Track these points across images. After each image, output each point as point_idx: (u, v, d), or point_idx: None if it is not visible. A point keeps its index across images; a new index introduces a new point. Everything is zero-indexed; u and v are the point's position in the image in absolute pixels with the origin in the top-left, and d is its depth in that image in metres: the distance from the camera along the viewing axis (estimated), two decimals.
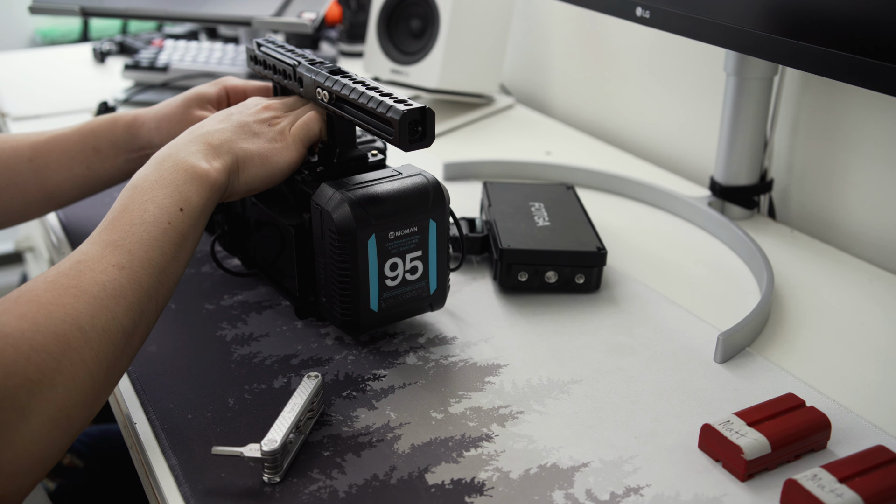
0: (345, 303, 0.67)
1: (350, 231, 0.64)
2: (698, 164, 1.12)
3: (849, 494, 0.52)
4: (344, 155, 0.72)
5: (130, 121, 0.83)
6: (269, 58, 0.77)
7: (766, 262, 0.81)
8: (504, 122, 1.28)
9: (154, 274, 0.58)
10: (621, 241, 0.90)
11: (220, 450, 0.56)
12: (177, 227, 0.60)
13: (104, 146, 0.83)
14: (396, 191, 0.66)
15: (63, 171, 0.83)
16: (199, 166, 0.63)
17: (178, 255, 0.60)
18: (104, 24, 2.32)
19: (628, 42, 1.21)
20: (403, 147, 0.62)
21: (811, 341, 0.73)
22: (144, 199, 0.60)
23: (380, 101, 0.63)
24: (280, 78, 0.76)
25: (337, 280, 0.66)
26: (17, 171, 0.82)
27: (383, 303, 0.68)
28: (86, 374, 0.51)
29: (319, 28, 1.67)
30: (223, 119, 0.70)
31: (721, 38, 0.78)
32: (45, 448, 0.49)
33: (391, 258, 0.66)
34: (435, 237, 0.68)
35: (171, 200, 0.61)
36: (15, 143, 0.83)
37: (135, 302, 0.56)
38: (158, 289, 0.58)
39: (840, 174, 0.93)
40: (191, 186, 0.62)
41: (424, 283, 0.69)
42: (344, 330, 0.69)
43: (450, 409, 0.64)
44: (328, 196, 0.65)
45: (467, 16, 1.23)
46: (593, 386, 0.67)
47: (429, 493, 0.56)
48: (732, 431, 0.58)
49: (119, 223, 0.59)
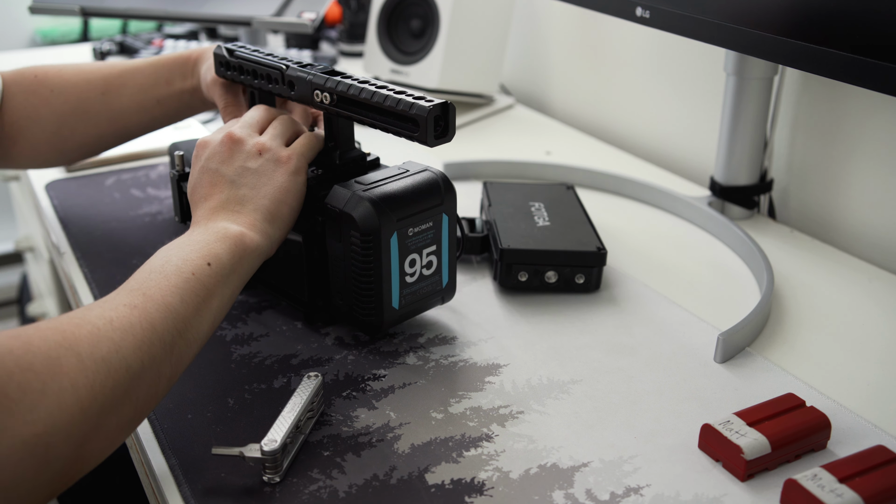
0: (368, 303, 0.67)
1: (374, 230, 0.64)
2: (698, 164, 1.12)
3: (849, 494, 0.52)
4: (344, 156, 0.72)
5: (200, 55, 0.84)
6: (247, 63, 0.74)
7: (766, 262, 0.81)
8: (504, 122, 1.28)
9: (170, 320, 0.53)
10: (621, 241, 0.90)
11: (219, 450, 0.56)
12: (201, 280, 0.57)
13: (176, 78, 0.84)
14: (410, 188, 0.67)
15: (134, 106, 0.85)
16: (230, 228, 0.61)
17: (202, 309, 0.56)
18: (104, 25, 2.31)
19: (628, 42, 1.21)
20: (429, 143, 0.62)
21: (811, 341, 0.73)
22: (169, 255, 0.58)
23: (399, 100, 0.63)
24: (263, 83, 0.74)
25: (360, 281, 0.66)
26: (89, 105, 0.84)
27: (403, 299, 0.68)
28: (75, 403, 0.46)
29: (319, 28, 1.67)
30: (213, 182, 0.66)
31: (721, 38, 0.78)
32: (11, 474, 0.43)
33: (411, 254, 0.67)
34: (447, 231, 0.69)
35: (198, 255, 0.58)
36: (88, 74, 0.84)
37: (145, 341, 0.51)
38: (175, 338, 0.53)
39: (840, 174, 0.93)
40: (221, 245, 0.60)
41: (438, 277, 0.70)
42: (363, 330, 0.69)
43: (450, 409, 0.64)
44: (346, 198, 0.65)
45: (467, 16, 1.23)
46: (593, 386, 0.67)
47: (429, 493, 0.56)
48: (732, 431, 0.58)
49: (138, 274, 0.56)
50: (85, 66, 0.86)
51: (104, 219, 0.93)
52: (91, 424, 0.47)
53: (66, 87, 0.84)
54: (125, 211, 0.94)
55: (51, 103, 0.83)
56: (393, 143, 0.89)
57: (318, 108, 0.70)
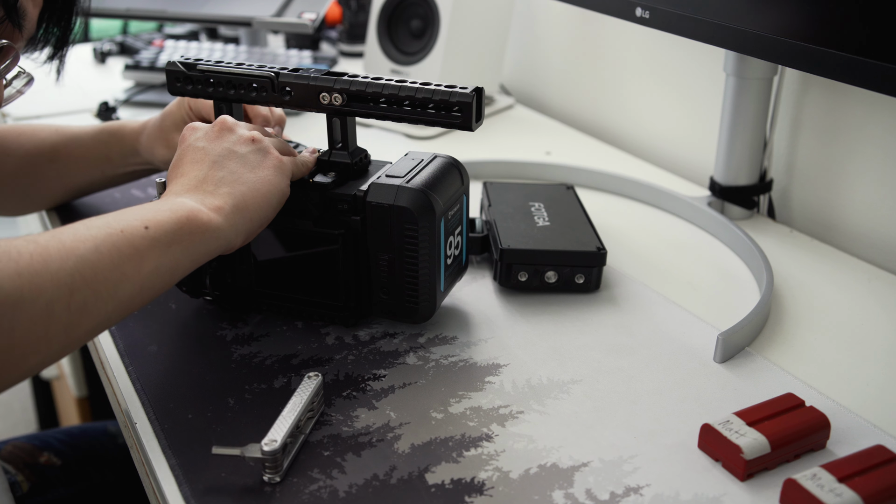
0: (422, 291, 0.69)
1: (428, 217, 0.66)
2: (698, 164, 1.12)
3: (848, 494, 0.52)
4: (355, 156, 0.72)
5: (134, 133, 0.88)
6: (221, 75, 0.71)
7: (766, 262, 0.81)
8: (504, 122, 1.28)
9: (71, 261, 0.50)
10: (621, 241, 0.90)
11: (220, 450, 0.56)
12: (130, 238, 0.53)
13: (115, 156, 0.90)
14: (439, 173, 0.69)
15: (81, 174, 0.91)
16: (188, 203, 0.59)
17: (124, 267, 0.53)
18: (104, 25, 2.31)
19: (628, 42, 1.21)
20: (472, 128, 0.66)
21: (811, 341, 0.73)
22: (109, 215, 0.55)
23: (434, 90, 0.66)
24: (242, 93, 0.71)
25: (415, 270, 0.68)
26: (39, 169, 0.90)
27: (446, 281, 0.71)
28: None
29: (319, 28, 1.67)
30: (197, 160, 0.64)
31: (721, 38, 0.78)
32: None
33: (449, 237, 0.70)
34: (467, 212, 0.73)
35: (137, 218, 0.55)
36: (38, 141, 0.90)
37: (29, 270, 0.48)
38: (77, 282, 0.50)
39: (840, 174, 0.93)
40: (169, 214, 0.57)
41: (461, 256, 0.74)
42: (410, 319, 0.71)
43: (450, 408, 0.64)
44: (392, 191, 0.67)
45: (467, 16, 1.23)
46: (593, 386, 0.67)
47: (429, 492, 0.56)
48: (732, 431, 0.58)
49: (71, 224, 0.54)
50: (34, 128, 0.92)
51: None
52: None
53: (19, 152, 0.89)
54: None
55: (4, 164, 0.89)
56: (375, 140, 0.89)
57: (321, 111, 0.70)
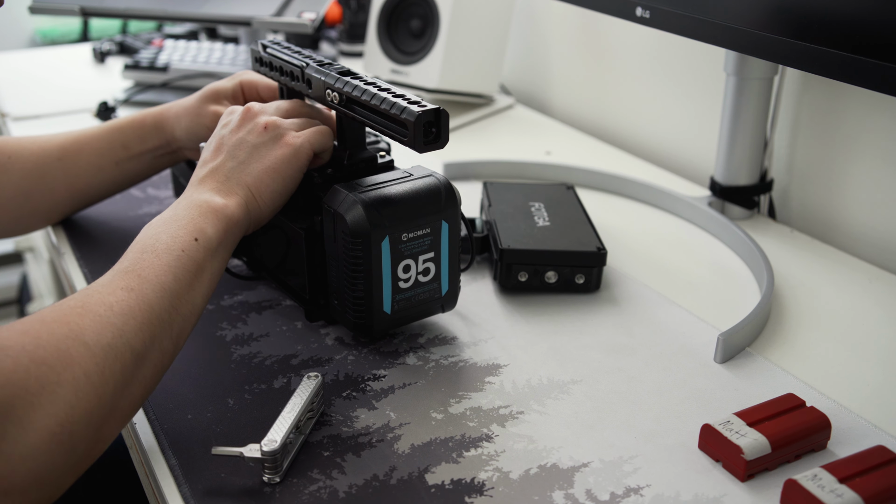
0: (358, 306, 0.67)
1: (364, 233, 0.64)
2: (698, 164, 1.12)
3: (849, 494, 0.52)
4: (354, 157, 0.72)
5: (157, 116, 0.86)
6: (275, 59, 0.76)
7: (766, 262, 0.81)
8: (504, 122, 1.28)
9: (166, 298, 0.56)
10: (621, 241, 0.90)
11: (220, 450, 0.56)
12: (191, 256, 0.59)
13: (133, 142, 0.86)
14: (409, 192, 0.66)
15: (92, 169, 0.86)
16: (213, 201, 0.63)
17: (194, 284, 0.59)
18: (104, 24, 2.32)
19: (628, 42, 1.21)
20: (417, 148, 0.62)
21: (811, 341, 0.73)
22: (158, 232, 0.60)
23: (393, 103, 0.63)
24: (287, 80, 0.75)
25: (350, 283, 0.66)
26: (46, 171, 0.84)
27: (396, 305, 0.68)
28: (90, 389, 0.49)
29: (319, 28, 1.67)
30: (217, 149, 0.69)
31: (721, 38, 0.78)
32: (43, 465, 0.47)
33: (404, 260, 0.66)
34: (447, 238, 0.68)
35: (185, 231, 0.60)
36: (43, 143, 0.86)
37: (145, 323, 0.54)
38: (172, 315, 0.56)
39: (840, 174, 0.93)
40: (206, 220, 0.62)
41: (436, 285, 0.69)
42: (357, 333, 0.69)
43: (450, 409, 0.64)
44: (341, 198, 0.65)
45: (467, 16, 1.23)
46: (593, 386, 0.67)
47: (429, 493, 0.56)
48: (732, 431, 0.58)
49: (130, 253, 0.58)
50: (42, 136, 0.87)
51: (104, 219, 0.93)
52: (106, 408, 0.50)
53: (24, 154, 0.84)
54: (125, 211, 0.95)
55: (8, 170, 0.84)
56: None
57: (329, 108, 0.71)
